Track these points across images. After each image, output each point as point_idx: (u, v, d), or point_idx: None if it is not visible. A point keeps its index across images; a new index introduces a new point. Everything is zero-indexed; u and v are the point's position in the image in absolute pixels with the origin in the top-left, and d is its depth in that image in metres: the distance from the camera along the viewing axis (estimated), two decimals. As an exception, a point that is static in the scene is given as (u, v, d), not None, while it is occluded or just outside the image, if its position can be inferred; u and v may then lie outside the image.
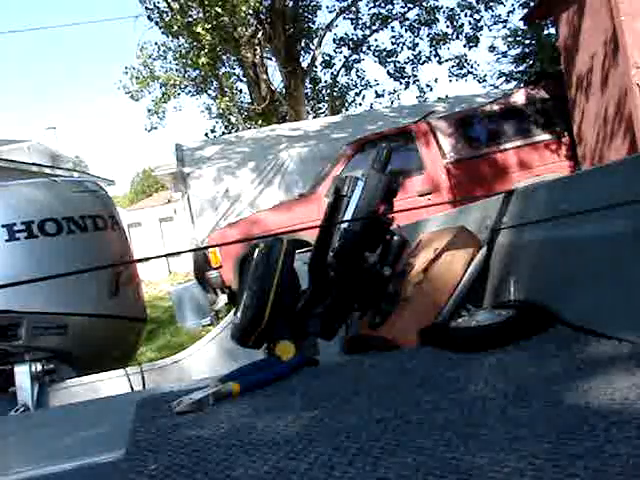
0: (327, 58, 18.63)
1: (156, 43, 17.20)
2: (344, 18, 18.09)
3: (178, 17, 14.97)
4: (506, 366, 0.60)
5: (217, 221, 10.44)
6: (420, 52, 18.32)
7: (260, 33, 16.22)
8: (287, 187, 10.44)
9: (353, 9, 17.94)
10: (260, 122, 16.41)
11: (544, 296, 0.77)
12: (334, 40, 18.35)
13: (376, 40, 18.46)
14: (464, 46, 17.75)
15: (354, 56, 18.69)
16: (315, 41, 17.60)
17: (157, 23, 16.01)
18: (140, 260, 3.65)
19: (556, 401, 0.47)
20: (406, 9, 17.83)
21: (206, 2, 14.08)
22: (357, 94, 19.18)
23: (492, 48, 17.17)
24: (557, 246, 0.75)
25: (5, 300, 1.89)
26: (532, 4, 11.76)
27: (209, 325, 6.81)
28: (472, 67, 18.16)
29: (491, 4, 16.74)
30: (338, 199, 0.92)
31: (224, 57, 17.19)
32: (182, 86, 17.54)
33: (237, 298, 0.88)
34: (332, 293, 0.89)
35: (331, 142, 10.47)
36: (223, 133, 17.22)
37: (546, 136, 7.44)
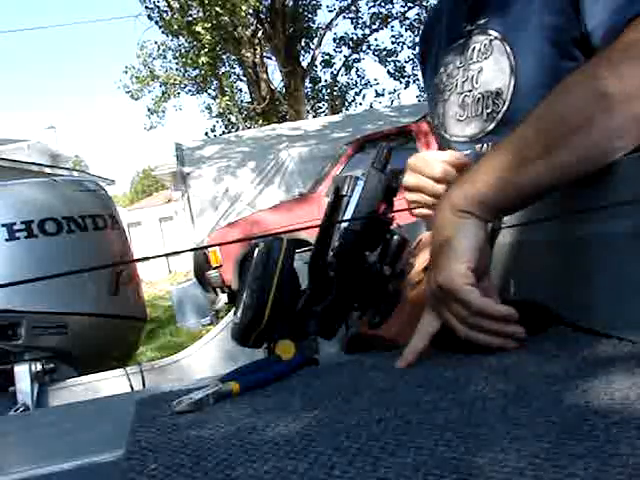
0: (327, 57, 18.68)
1: (156, 42, 17.24)
2: (344, 17, 18.13)
3: (178, 16, 14.99)
4: (506, 366, 0.60)
5: (217, 221, 10.44)
6: (420, 51, 18.33)
7: (260, 33, 16.23)
8: (287, 187, 10.45)
9: (353, 8, 17.97)
10: (260, 122, 16.43)
11: (544, 296, 0.76)
12: (334, 39, 18.43)
13: (376, 39, 18.64)
14: (464, 45, 17.73)
15: (354, 55, 18.74)
16: (315, 40, 17.64)
17: (157, 22, 16.03)
18: (140, 260, 3.65)
19: (556, 401, 0.47)
20: (406, 8, 17.86)
21: (206, 1, 14.09)
22: (357, 93, 19.22)
23: (492, 48, 17.15)
24: (557, 246, 0.75)
25: (5, 300, 1.90)
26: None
27: (209, 325, 6.82)
28: (472, 67, 18.14)
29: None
30: (338, 198, 0.92)
31: (224, 56, 17.20)
32: (182, 85, 17.56)
33: (237, 298, 0.87)
34: (332, 293, 0.88)
35: (331, 142, 10.47)
36: (223, 132, 17.24)
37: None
